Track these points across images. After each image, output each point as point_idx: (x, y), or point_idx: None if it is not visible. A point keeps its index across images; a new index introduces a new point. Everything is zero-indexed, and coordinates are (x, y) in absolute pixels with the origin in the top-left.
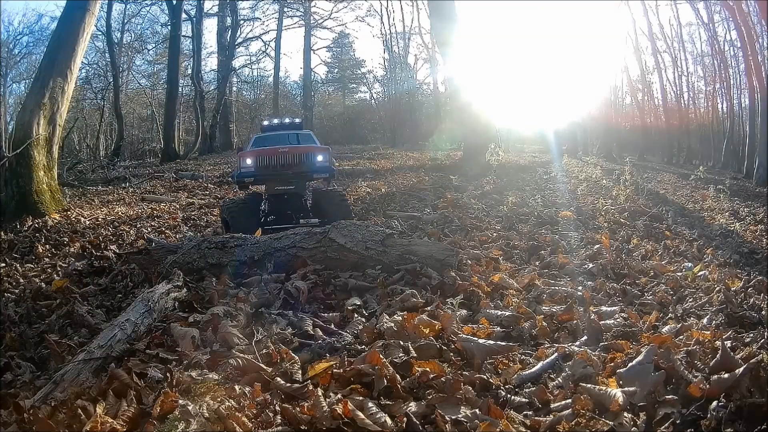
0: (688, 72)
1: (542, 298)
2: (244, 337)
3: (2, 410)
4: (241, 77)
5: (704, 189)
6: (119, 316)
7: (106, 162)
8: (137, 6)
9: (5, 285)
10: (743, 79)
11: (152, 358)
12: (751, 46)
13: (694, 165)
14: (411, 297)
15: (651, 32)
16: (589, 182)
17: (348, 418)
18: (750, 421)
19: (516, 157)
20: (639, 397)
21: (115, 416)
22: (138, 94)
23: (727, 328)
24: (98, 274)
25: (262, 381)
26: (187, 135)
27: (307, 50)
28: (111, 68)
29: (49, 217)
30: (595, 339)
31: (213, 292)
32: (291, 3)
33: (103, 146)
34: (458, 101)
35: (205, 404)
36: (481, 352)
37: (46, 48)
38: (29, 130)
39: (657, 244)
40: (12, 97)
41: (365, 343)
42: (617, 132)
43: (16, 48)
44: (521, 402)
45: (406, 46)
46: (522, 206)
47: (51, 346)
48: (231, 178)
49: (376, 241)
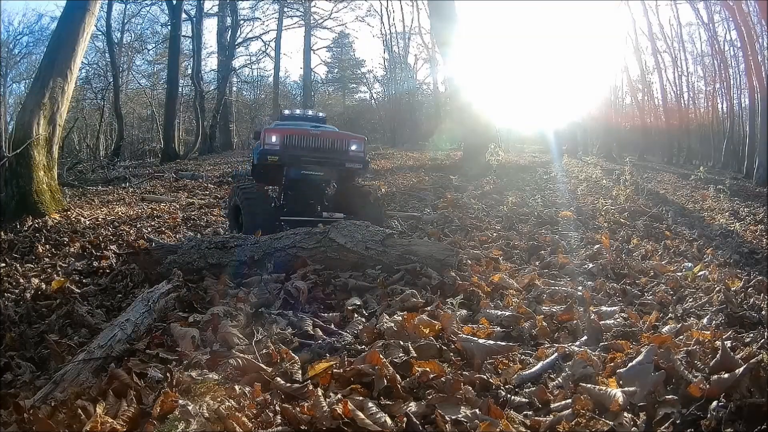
0: (688, 72)
1: (542, 298)
2: (244, 337)
3: (2, 410)
4: (241, 77)
5: (704, 189)
6: (119, 316)
7: (106, 162)
8: (137, 6)
9: (5, 285)
10: (743, 79)
11: (152, 358)
12: (751, 46)
13: (694, 165)
14: (411, 297)
15: (651, 32)
16: (589, 182)
17: (348, 418)
18: (750, 421)
19: (516, 157)
20: (639, 397)
21: (115, 416)
22: (138, 94)
23: (727, 328)
24: (98, 274)
25: (262, 381)
26: (187, 135)
27: (307, 50)
28: (111, 68)
29: (49, 217)
30: (595, 339)
31: (213, 292)
32: (291, 3)
33: (103, 146)
34: (458, 101)
35: (205, 404)
36: (481, 352)
37: (46, 48)
38: (29, 130)
39: (657, 244)
40: (12, 97)
41: (365, 343)
42: (617, 132)
43: (16, 48)
44: (521, 402)
45: (406, 46)
46: (522, 206)
47: (51, 346)
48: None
49: (376, 241)
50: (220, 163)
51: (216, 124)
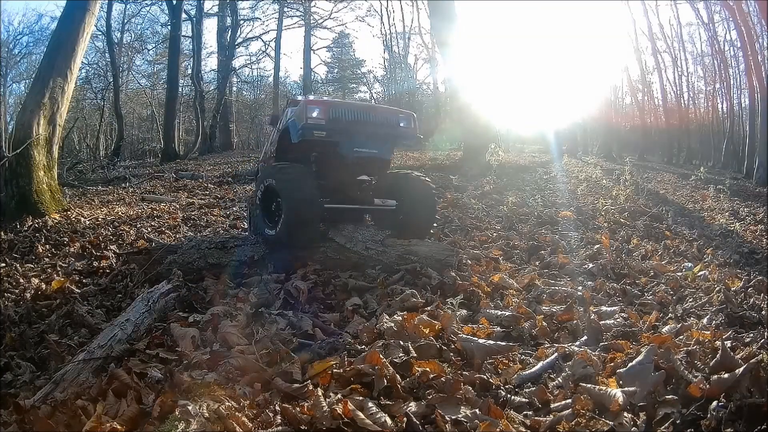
0: (688, 72)
1: (542, 298)
2: (244, 337)
3: (2, 410)
4: (241, 77)
5: (704, 189)
6: (119, 316)
7: (106, 162)
8: (137, 6)
9: (5, 285)
10: (743, 79)
11: (152, 358)
12: (751, 46)
13: (694, 165)
14: (411, 297)
15: (651, 32)
16: (589, 182)
17: (348, 418)
18: (750, 421)
19: (516, 157)
20: (639, 397)
21: (115, 416)
22: (138, 94)
23: (727, 328)
24: (98, 274)
25: (262, 381)
26: (187, 135)
27: (307, 50)
28: (111, 68)
29: (49, 217)
30: (595, 339)
31: (213, 292)
32: (291, 3)
33: (103, 146)
34: (458, 101)
35: (205, 404)
36: (481, 352)
37: (46, 48)
38: (29, 130)
39: (657, 244)
40: (12, 97)
41: (365, 343)
42: (617, 132)
43: (16, 48)
44: (521, 402)
45: (406, 46)
46: (522, 206)
47: (51, 346)
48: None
49: (376, 241)
50: (220, 163)
51: (216, 124)
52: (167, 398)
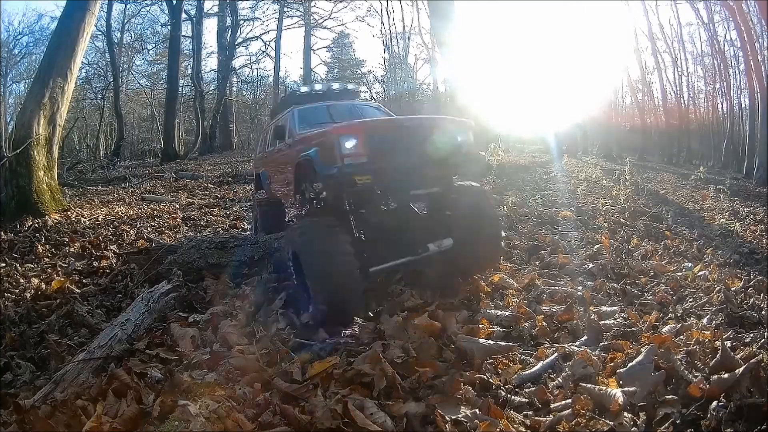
0: (688, 72)
1: (542, 298)
2: (244, 336)
3: (2, 410)
4: (241, 77)
5: (704, 189)
6: (119, 316)
7: (106, 162)
8: (137, 6)
9: (5, 285)
10: (743, 79)
11: (152, 358)
12: (751, 46)
13: (694, 165)
14: (411, 297)
15: (651, 32)
16: (589, 182)
17: (348, 418)
18: (750, 421)
19: (516, 157)
20: (639, 397)
21: (115, 416)
22: (138, 94)
23: (727, 328)
24: (98, 274)
25: (262, 381)
26: (187, 135)
27: (307, 50)
28: (111, 68)
29: (49, 217)
30: (595, 339)
31: (213, 292)
32: (291, 3)
33: (103, 146)
34: (458, 101)
35: (205, 404)
36: (481, 352)
37: (46, 48)
38: (29, 130)
39: (657, 244)
40: (12, 97)
41: (365, 343)
42: (617, 132)
43: (16, 48)
44: (521, 402)
45: (406, 46)
46: (522, 206)
47: (51, 346)
48: (231, 177)
49: None
50: (220, 163)
51: (216, 124)
52: (167, 398)
